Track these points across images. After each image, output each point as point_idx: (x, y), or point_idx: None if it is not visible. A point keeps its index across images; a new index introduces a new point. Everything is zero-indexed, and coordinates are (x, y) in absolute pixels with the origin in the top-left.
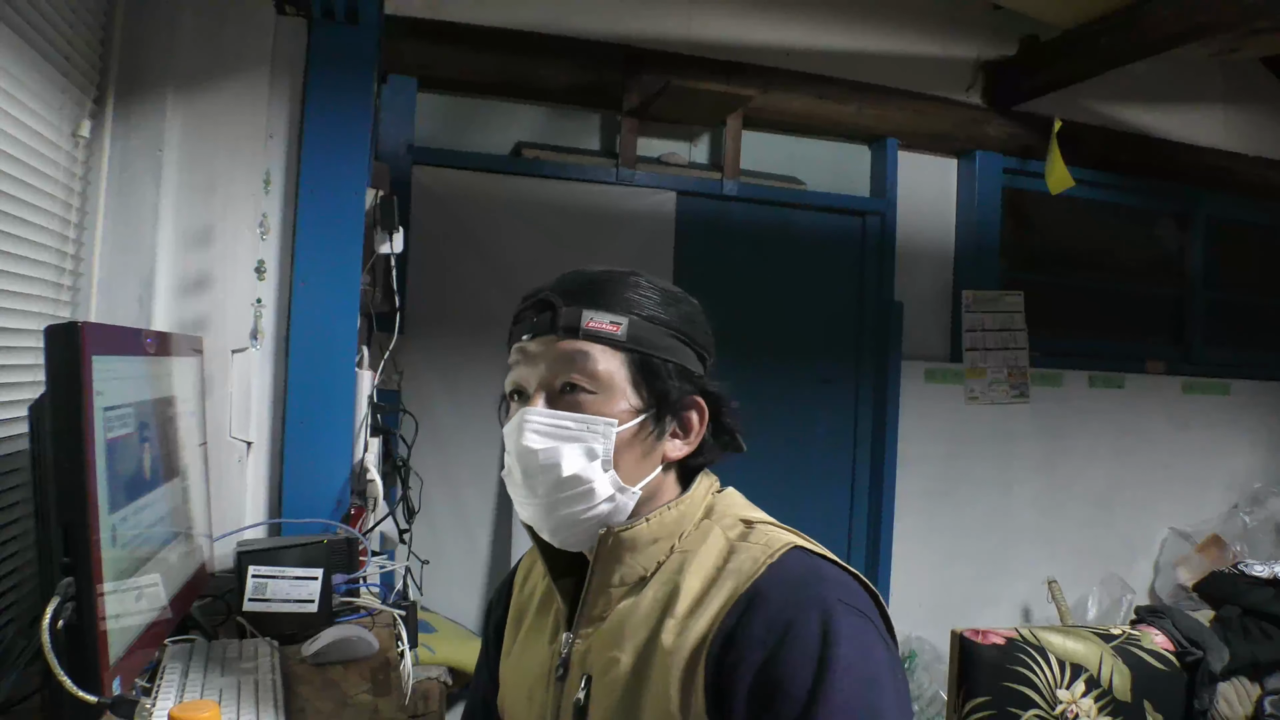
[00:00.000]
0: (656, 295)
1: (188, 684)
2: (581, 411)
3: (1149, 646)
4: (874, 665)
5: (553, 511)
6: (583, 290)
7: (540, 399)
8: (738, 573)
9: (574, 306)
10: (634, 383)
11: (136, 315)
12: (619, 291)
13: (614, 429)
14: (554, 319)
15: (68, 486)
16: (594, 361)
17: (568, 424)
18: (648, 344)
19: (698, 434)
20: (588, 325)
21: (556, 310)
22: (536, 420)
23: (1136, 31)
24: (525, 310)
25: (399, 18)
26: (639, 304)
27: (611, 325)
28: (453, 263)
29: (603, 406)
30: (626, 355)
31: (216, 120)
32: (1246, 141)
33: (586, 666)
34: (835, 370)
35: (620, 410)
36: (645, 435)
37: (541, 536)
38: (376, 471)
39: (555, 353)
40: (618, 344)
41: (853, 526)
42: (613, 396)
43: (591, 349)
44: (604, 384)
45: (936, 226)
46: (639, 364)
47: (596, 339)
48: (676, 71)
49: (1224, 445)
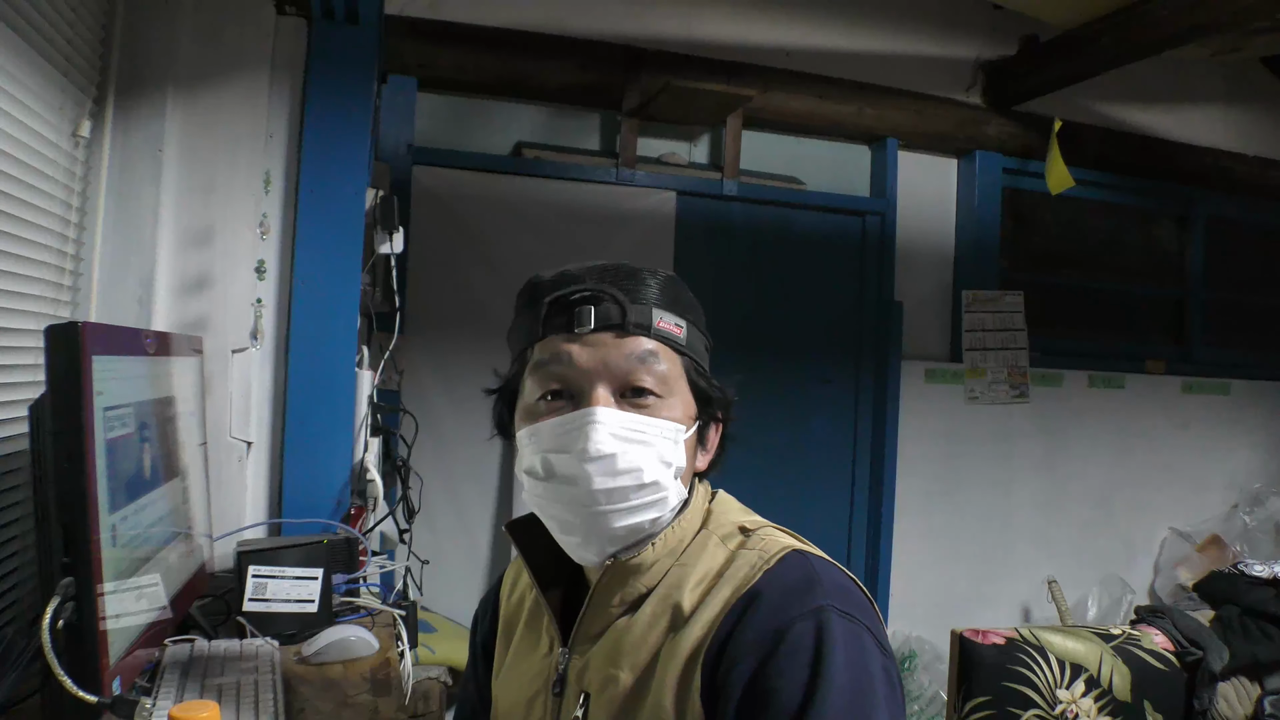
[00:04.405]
0: (694, 301)
1: (188, 684)
2: (650, 415)
3: (1149, 646)
4: (867, 674)
5: (618, 520)
6: (640, 285)
7: (605, 397)
8: (734, 578)
9: (643, 304)
10: (691, 389)
11: (136, 315)
12: (674, 292)
13: (683, 435)
14: (624, 313)
15: (68, 486)
16: (661, 363)
17: (642, 428)
18: (697, 350)
19: (714, 444)
20: (659, 325)
21: (623, 304)
22: (613, 422)
23: (1136, 31)
24: (571, 299)
25: (399, 18)
26: (690, 308)
27: (676, 327)
28: (453, 263)
29: (667, 410)
30: (683, 359)
31: (216, 120)
32: (1246, 141)
33: (584, 684)
34: (835, 370)
35: (681, 415)
36: (694, 444)
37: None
38: (376, 471)
39: (625, 349)
40: (679, 348)
41: (853, 526)
42: (674, 402)
43: (660, 349)
44: (669, 388)
45: (936, 226)
46: (693, 370)
47: (664, 339)
48: (676, 71)
49: (1224, 445)
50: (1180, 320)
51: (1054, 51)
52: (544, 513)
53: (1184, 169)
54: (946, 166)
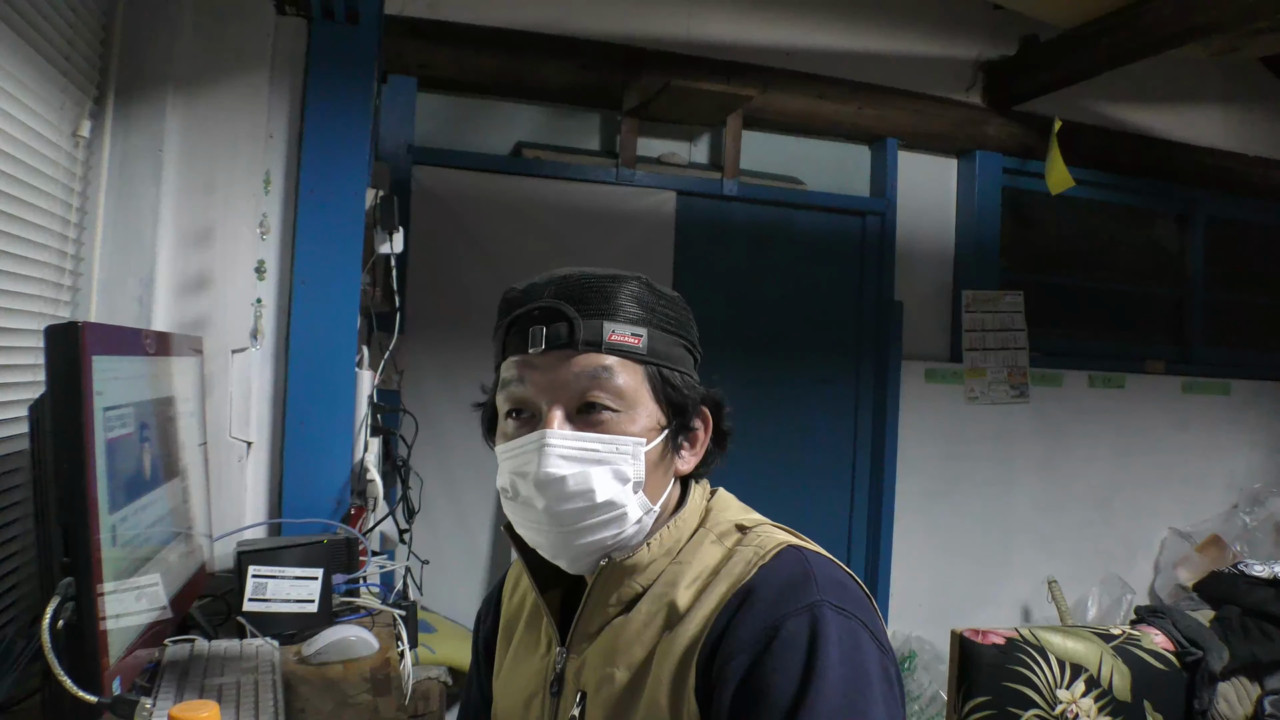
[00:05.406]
0: (664, 300)
1: (188, 684)
2: (605, 431)
3: (1149, 646)
4: (862, 670)
5: (577, 539)
6: (595, 297)
7: (557, 419)
8: (729, 575)
9: (594, 318)
10: (654, 397)
11: (136, 315)
12: (633, 298)
13: (643, 448)
14: (571, 330)
15: (68, 486)
16: (617, 377)
17: (595, 446)
18: (663, 355)
19: (703, 444)
20: (610, 338)
21: (572, 321)
22: (561, 444)
23: (1136, 31)
24: (526, 318)
25: (399, 18)
26: (653, 312)
27: (633, 338)
28: (453, 263)
29: (626, 425)
30: (645, 368)
31: (216, 120)
32: (1246, 141)
33: (581, 683)
34: (835, 370)
35: (644, 428)
36: (666, 452)
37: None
38: (376, 471)
39: (574, 368)
40: (639, 357)
41: (853, 526)
42: (635, 414)
43: (614, 363)
44: (628, 401)
45: (936, 226)
46: (658, 377)
47: (619, 353)
48: (676, 71)
49: (1224, 445)
50: (1180, 320)
51: (1054, 51)
52: (520, 531)
53: (1184, 169)
54: (946, 166)
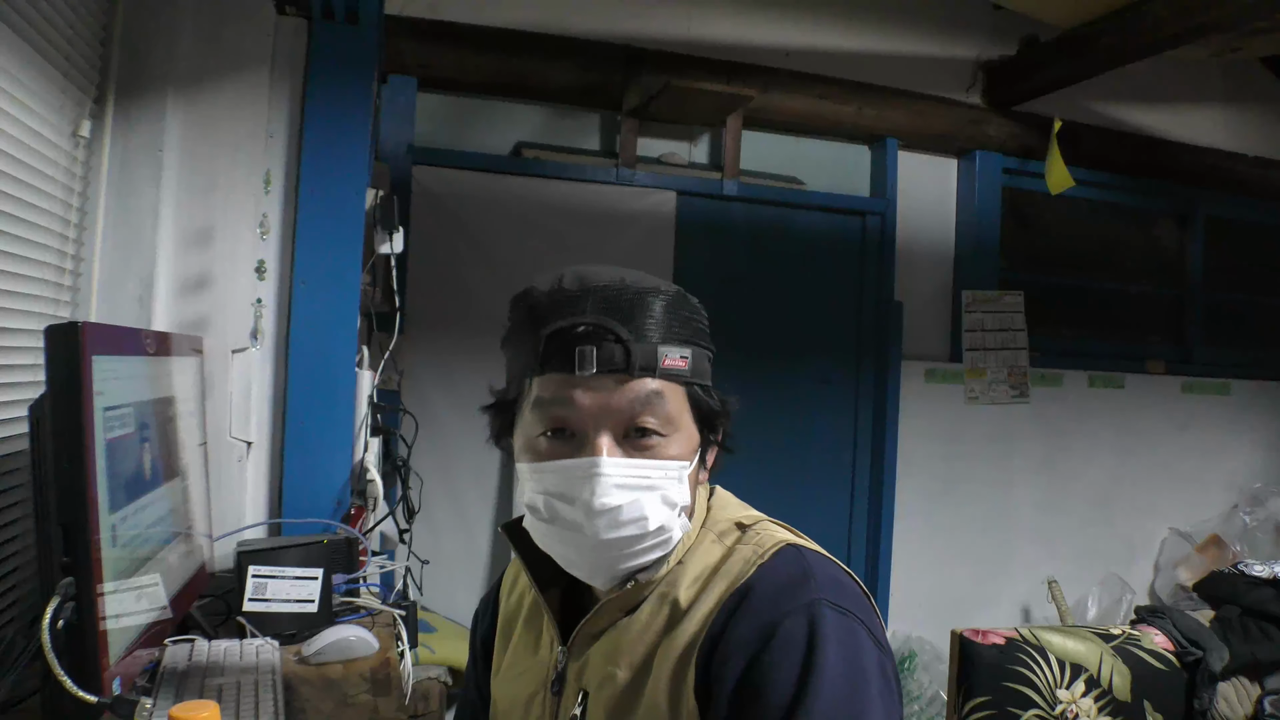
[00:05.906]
0: (698, 314)
1: (187, 684)
2: (653, 456)
3: (1149, 646)
4: (860, 669)
5: (622, 564)
6: (641, 314)
7: (606, 444)
8: (728, 574)
9: (647, 341)
10: (693, 417)
11: (136, 315)
12: (676, 315)
13: (687, 470)
14: (628, 355)
15: (68, 486)
16: (667, 403)
17: (647, 473)
18: (701, 373)
19: (713, 458)
20: (664, 364)
21: (628, 345)
22: (616, 473)
23: (1136, 31)
24: (571, 335)
25: (399, 18)
26: (690, 327)
27: (681, 359)
28: (453, 263)
29: (672, 449)
30: (687, 389)
31: (216, 120)
32: (1246, 141)
33: (583, 682)
34: (835, 370)
35: (686, 449)
36: (699, 468)
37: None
38: (376, 471)
39: (628, 394)
40: (685, 379)
41: (853, 526)
42: (679, 436)
43: (665, 388)
44: (674, 424)
45: (936, 226)
46: (695, 397)
47: (668, 377)
48: (676, 71)
49: (1224, 445)
50: (1180, 320)
51: (1054, 51)
52: (547, 548)
53: (1184, 169)
54: (946, 166)
